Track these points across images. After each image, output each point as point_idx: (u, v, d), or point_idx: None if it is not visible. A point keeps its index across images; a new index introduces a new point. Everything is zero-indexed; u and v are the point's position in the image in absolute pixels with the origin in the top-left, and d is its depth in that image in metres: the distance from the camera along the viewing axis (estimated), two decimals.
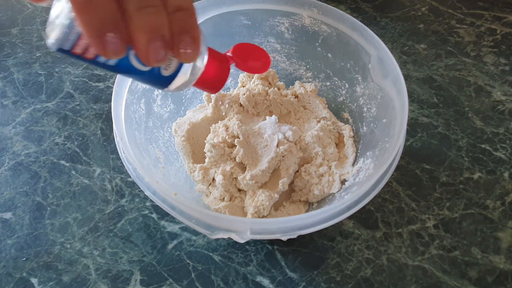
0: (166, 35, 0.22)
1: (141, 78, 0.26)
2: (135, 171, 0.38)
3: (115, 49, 0.21)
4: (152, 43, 0.21)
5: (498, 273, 0.44)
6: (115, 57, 0.21)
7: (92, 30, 0.20)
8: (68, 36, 0.22)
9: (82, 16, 0.20)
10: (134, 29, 0.21)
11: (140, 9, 0.21)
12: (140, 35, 0.21)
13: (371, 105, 0.47)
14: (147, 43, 0.21)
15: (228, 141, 0.47)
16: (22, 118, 0.57)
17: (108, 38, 0.20)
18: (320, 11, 0.48)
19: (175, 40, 0.22)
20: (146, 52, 0.22)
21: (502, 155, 0.52)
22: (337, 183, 0.45)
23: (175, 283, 0.43)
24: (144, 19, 0.21)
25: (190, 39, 0.23)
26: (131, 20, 0.21)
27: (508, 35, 0.66)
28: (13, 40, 0.67)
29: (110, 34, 0.20)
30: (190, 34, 0.23)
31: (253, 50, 0.34)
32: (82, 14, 0.20)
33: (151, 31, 0.21)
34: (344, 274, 0.44)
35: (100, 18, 0.20)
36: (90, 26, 0.20)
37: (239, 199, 0.46)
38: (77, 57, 0.23)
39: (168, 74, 0.26)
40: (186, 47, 0.23)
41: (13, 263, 0.45)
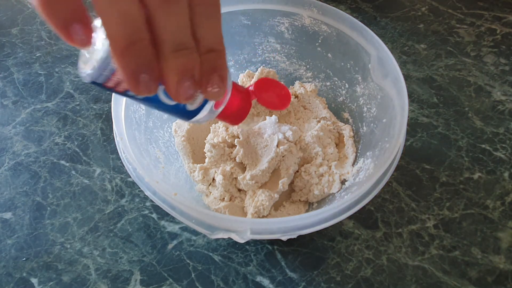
0: (196, 75, 0.23)
1: (167, 111, 0.27)
2: (135, 171, 0.38)
3: (148, 88, 0.22)
4: (183, 83, 0.22)
5: (498, 273, 0.44)
6: (147, 95, 0.22)
7: (129, 71, 0.21)
8: (103, 72, 0.23)
9: (122, 59, 0.21)
10: (167, 70, 0.22)
11: (175, 52, 0.22)
12: (172, 75, 0.22)
13: (371, 105, 0.47)
14: (178, 83, 0.22)
15: (228, 141, 0.47)
16: (22, 118, 0.57)
17: (143, 78, 0.21)
18: (320, 11, 0.48)
19: (203, 79, 0.23)
20: (176, 91, 0.23)
21: (502, 155, 0.52)
22: (337, 183, 0.45)
23: (175, 283, 0.43)
24: (177, 61, 0.22)
25: (218, 79, 0.24)
26: (165, 61, 0.22)
27: (508, 35, 0.66)
28: (13, 40, 0.67)
29: (144, 75, 0.21)
30: (218, 73, 0.24)
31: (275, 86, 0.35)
32: (122, 58, 0.21)
33: (183, 72, 0.22)
34: (344, 274, 0.44)
35: (138, 61, 0.21)
36: (128, 68, 0.21)
37: (239, 199, 0.46)
38: (108, 89, 0.24)
39: (193, 108, 0.27)
40: (213, 86, 0.24)
41: (13, 263, 0.45)
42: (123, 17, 0.20)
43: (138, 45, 0.21)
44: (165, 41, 0.21)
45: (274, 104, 0.35)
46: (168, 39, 0.21)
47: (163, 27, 0.21)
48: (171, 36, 0.21)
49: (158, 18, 0.21)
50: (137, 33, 0.20)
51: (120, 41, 0.20)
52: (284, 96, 0.35)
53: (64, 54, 0.65)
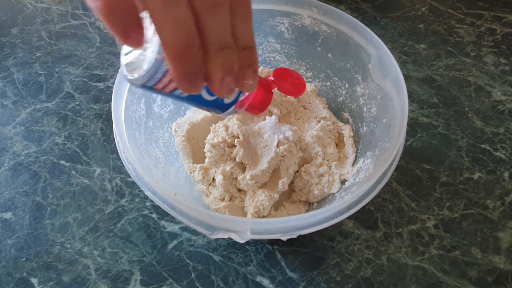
0: (236, 71, 0.25)
1: (206, 105, 0.30)
2: (135, 171, 0.38)
3: (197, 87, 0.24)
4: (226, 78, 0.24)
5: (498, 273, 0.44)
6: (196, 93, 0.24)
7: (183, 74, 0.23)
8: (154, 75, 0.24)
9: (177, 63, 0.22)
10: (212, 68, 0.24)
11: (220, 51, 0.23)
12: (217, 73, 0.24)
13: (371, 105, 0.47)
14: (222, 79, 0.24)
15: (228, 141, 0.47)
16: (22, 118, 0.57)
17: (193, 79, 0.23)
18: (320, 11, 0.48)
19: (240, 73, 0.26)
20: (220, 86, 0.25)
21: (502, 155, 0.52)
22: (337, 183, 0.45)
23: (175, 283, 0.43)
24: (222, 59, 0.24)
25: (252, 72, 0.26)
26: (211, 61, 0.24)
27: (508, 35, 0.66)
28: (13, 40, 0.67)
29: (195, 76, 0.23)
30: (252, 68, 0.26)
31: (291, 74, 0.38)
32: (177, 62, 0.22)
33: (226, 68, 0.24)
34: (344, 274, 0.44)
35: (192, 64, 0.23)
36: (182, 71, 0.23)
37: (239, 199, 0.46)
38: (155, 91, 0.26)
39: (229, 101, 0.30)
40: (249, 79, 0.26)
41: (13, 263, 0.45)
42: (178, 23, 0.21)
43: (192, 49, 0.22)
44: (211, 42, 0.23)
45: (291, 90, 0.38)
46: (214, 40, 0.23)
47: (210, 29, 0.23)
48: (217, 37, 0.23)
49: (206, 22, 0.22)
50: (191, 38, 0.22)
51: (176, 47, 0.22)
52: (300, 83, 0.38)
53: (64, 54, 0.65)
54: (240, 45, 0.25)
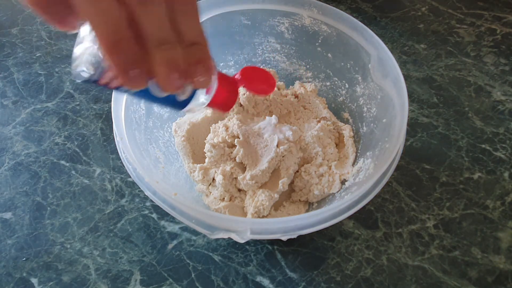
0: (182, 67, 0.25)
1: (160, 102, 0.29)
2: (135, 171, 0.38)
3: (139, 82, 0.24)
4: (170, 74, 0.24)
5: (498, 273, 0.44)
6: (138, 88, 0.24)
7: (119, 67, 0.23)
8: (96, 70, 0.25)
9: (110, 56, 0.22)
10: (154, 64, 0.24)
11: (159, 46, 0.23)
12: (160, 68, 0.24)
13: (371, 105, 0.47)
14: (166, 75, 0.24)
15: (228, 141, 0.47)
16: (22, 118, 0.57)
17: (133, 73, 0.23)
18: (320, 11, 0.48)
19: (190, 70, 0.25)
20: (165, 82, 0.25)
21: (502, 155, 0.52)
22: (337, 183, 0.45)
23: (175, 283, 0.43)
24: (162, 54, 0.24)
25: (203, 69, 0.26)
26: (151, 56, 0.24)
27: (508, 35, 0.66)
28: (13, 40, 0.67)
29: (134, 70, 0.23)
30: (203, 64, 0.26)
31: (260, 73, 0.37)
32: (110, 55, 0.22)
33: (169, 64, 0.24)
34: (344, 274, 0.44)
35: (126, 57, 0.23)
36: (117, 64, 0.23)
37: (239, 199, 0.46)
38: (102, 86, 0.26)
39: (183, 98, 0.29)
40: (199, 76, 0.26)
41: (13, 263, 0.45)
42: (104, 16, 0.22)
43: (123, 42, 0.22)
44: (147, 37, 0.23)
45: (260, 89, 0.37)
46: (150, 35, 0.23)
47: (143, 24, 0.23)
48: (153, 32, 0.23)
49: (138, 16, 0.23)
50: (120, 31, 0.22)
51: (106, 40, 0.22)
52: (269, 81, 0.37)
53: (64, 54, 0.65)
54: (186, 41, 0.24)
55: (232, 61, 0.55)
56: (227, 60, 0.55)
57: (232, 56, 0.55)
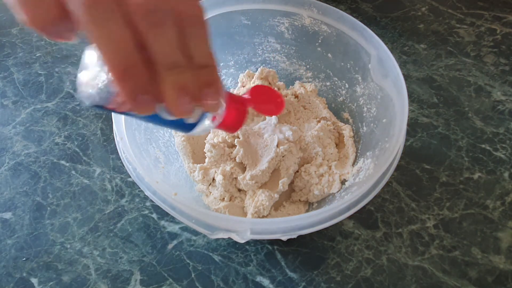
0: (192, 90, 0.24)
1: (168, 125, 0.29)
2: (135, 171, 0.38)
3: (148, 107, 0.24)
4: (180, 99, 0.24)
5: (498, 273, 0.44)
6: (147, 113, 0.24)
7: (129, 94, 0.23)
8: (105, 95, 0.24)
9: (120, 83, 0.22)
10: (164, 88, 0.23)
11: (170, 70, 0.23)
12: (170, 93, 0.23)
13: (371, 105, 0.47)
14: (176, 99, 0.24)
15: (228, 141, 0.47)
16: (22, 118, 0.57)
17: (142, 99, 0.23)
18: (320, 11, 0.48)
19: (199, 93, 0.25)
20: (175, 107, 0.24)
21: (502, 155, 0.52)
22: (337, 183, 0.45)
23: (175, 283, 0.43)
24: (173, 79, 0.23)
25: (213, 92, 0.26)
26: (161, 80, 0.23)
27: (508, 35, 0.66)
28: (13, 40, 0.67)
29: (144, 96, 0.23)
30: (212, 87, 0.25)
31: (269, 92, 0.36)
32: (121, 81, 0.22)
33: (179, 88, 0.24)
34: (344, 274, 0.44)
35: (136, 83, 0.23)
36: (127, 91, 0.23)
37: (239, 199, 0.46)
38: (110, 110, 0.26)
39: (192, 121, 0.29)
40: (209, 99, 0.26)
41: (13, 263, 0.45)
42: (113, 42, 0.21)
43: (133, 68, 0.22)
44: (158, 61, 0.23)
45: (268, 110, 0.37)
46: (161, 60, 0.23)
47: (154, 49, 0.22)
48: (163, 56, 0.23)
49: (148, 41, 0.22)
50: (130, 57, 0.22)
51: (116, 66, 0.22)
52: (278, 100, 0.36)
53: (64, 54, 0.65)
54: (195, 65, 0.24)
55: (232, 61, 0.55)
56: (227, 60, 0.55)
57: (232, 56, 0.55)
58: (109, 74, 0.22)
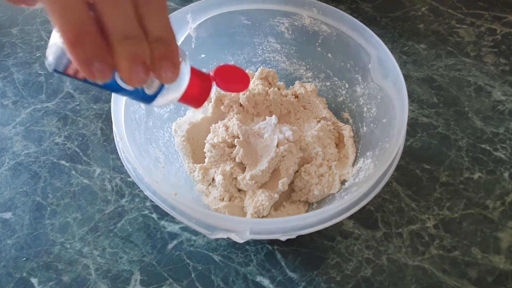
0: (147, 61, 0.25)
1: (127, 95, 0.30)
2: (135, 171, 0.38)
3: (102, 75, 0.24)
4: (134, 68, 0.24)
5: (498, 273, 0.44)
6: (102, 81, 0.25)
7: (81, 61, 0.23)
8: (61, 60, 0.25)
9: (72, 50, 0.23)
10: (117, 58, 0.24)
11: (122, 41, 0.24)
12: (123, 63, 0.24)
13: (371, 105, 0.47)
14: (129, 69, 0.24)
15: (228, 141, 0.47)
16: (22, 118, 0.57)
17: (95, 66, 0.23)
18: (320, 11, 0.48)
19: (155, 65, 0.26)
20: (128, 76, 0.25)
21: (502, 155, 0.52)
22: (337, 183, 0.45)
23: (175, 283, 0.43)
24: (126, 49, 0.24)
25: (170, 64, 0.26)
26: (115, 50, 0.24)
27: (508, 35, 0.66)
28: (13, 40, 0.67)
29: (97, 64, 0.23)
30: (169, 59, 0.26)
31: (234, 71, 0.36)
32: (72, 48, 0.23)
33: (132, 58, 0.24)
34: (344, 274, 0.44)
35: (88, 51, 0.23)
36: (79, 58, 0.23)
37: (239, 199, 0.46)
38: (70, 77, 0.26)
39: (151, 93, 0.29)
40: (166, 71, 0.26)
41: (13, 263, 0.45)
42: (67, 11, 0.22)
43: (85, 36, 0.23)
44: (112, 32, 0.23)
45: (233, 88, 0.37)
46: (115, 30, 0.23)
47: (108, 19, 0.23)
48: (117, 27, 0.23)
49: (103, 11, 0.23)
50: (83, 25, 0.22)
51: (68, 34, 0.22)
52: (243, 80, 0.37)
53: None
54: (152, 37, 0.25)
55: (232, 61, 0.55)
56: (227, 60, 0.55)
57: (232, 56, 0.55)
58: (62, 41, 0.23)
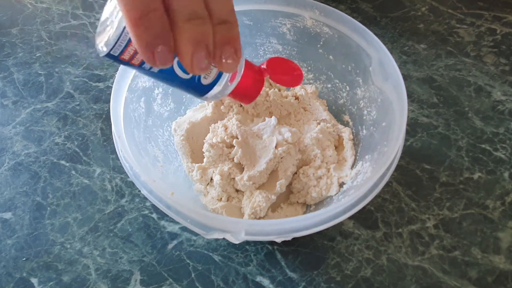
0: (210, 46, 0.23)
1: (181, 85, 0.28)
2: (132, 170, 0.38)
3: (164, 60, 0.22)
4: (197, 53, 0.22)
5: (498, 273, 0.44)
6: (163, 66, 0.23)
7: (144, 43, 0.21)
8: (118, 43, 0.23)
9: (136, 30, 0.21)
10: (181, 40, 0.22)
11: (189, 21, 0.22)
12: (187, 45, 0.22)
13: (371, 108, 0.47)
14: (192, 53, 0.22)
15: (227, 141, 0.47)
16: (22, 118, 0.57)
17: (158, 49, 0.22)
18: (322, 12, 0.48)
19: (217, 50, 0.24)
20: (190, 61, 0.23)
21: (502, 155, 0.52)
22: (335, 186, 0.45)
23: (175, 283, 0.43)
24: (191, 30, 0.22)
25: (232, 50, 0.24)
26: (178, 31, 0.22)
27: (508, 35, 0.66)
28: (13, 40, 0.67)
29: (159, 46, 0.22)
30: (232, 45, 0.24)
31: (287, 64, 0.35)
32: (136, 28, 0.21)
33: (197, 41, 0.22)
34: (344, 274, 0.44)
35: (153, 32, 0.21)
36: (143, 39, 0.21)
37: (236, 199, 0.46)
38: (124, 63, 0.24)
39: (207, 83, 0.28)
40: (227, 57, 0.24)
41: (13, 263, 0.45)
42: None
43: (151, 15, 0.21)
44: (178, 10, 0.22)
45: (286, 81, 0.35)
46: (181, 9, 0.22)
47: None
48: (184, 5, 0.22)
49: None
50: (150, 3, 0.21)
51: (133, 12, 0.20)
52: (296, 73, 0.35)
53: (64, 54, 0.65)
54: (216, 19, 0.23)
55: None
56: None
57: None
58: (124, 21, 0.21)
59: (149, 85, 0.47)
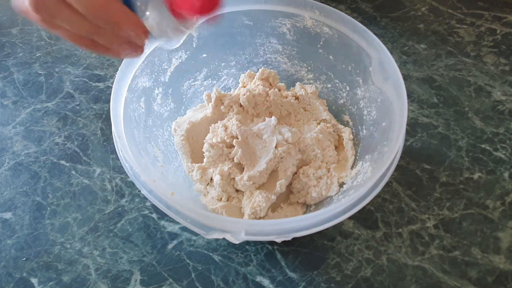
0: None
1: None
2: (132, 169, 0.38)
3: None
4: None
5: (498, 273, 0.44)
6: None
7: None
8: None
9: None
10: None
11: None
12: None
13: (371, 108, 0.47)
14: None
15: (227, 141, 0.47)
16: (22, 118, 0.57)
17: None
18: (322, 12, 0.48)
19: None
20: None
21: (502, 155, 0.52)
22: (335, 186, 0.45)
23: (175, 283, 0.43)
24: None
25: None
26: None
27: (508, 35, 0.66)
28: (13, 40, 0.67)
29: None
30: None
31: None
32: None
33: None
34: (344, 274, 0.44)
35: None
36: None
37: (236, 199, 0.46)
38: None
39: None
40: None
41: (13, 263, 0.45)
42: None
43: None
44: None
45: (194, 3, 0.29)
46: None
47: None
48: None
49: None
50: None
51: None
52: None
53: (64, 54, 0.65)
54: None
55: (233, 61, 0.55)
56: (229, 60, 0.55)
57: (233, 56, 0.55)
58: None
59: (149, 85, 0.47)
